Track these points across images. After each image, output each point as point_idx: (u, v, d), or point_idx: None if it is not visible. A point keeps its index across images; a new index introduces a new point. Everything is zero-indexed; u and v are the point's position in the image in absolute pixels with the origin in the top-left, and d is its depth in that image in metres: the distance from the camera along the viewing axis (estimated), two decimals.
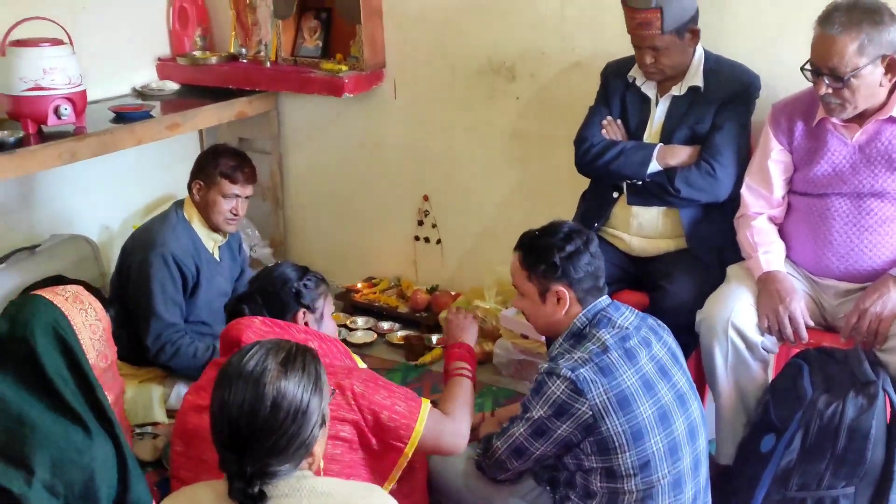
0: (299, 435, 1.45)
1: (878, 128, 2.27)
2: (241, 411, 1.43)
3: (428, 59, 3.47)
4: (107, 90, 3.61)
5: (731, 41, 2.75)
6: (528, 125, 3.33)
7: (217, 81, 3.74)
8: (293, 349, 1.52)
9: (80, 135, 3.06)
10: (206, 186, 2.84)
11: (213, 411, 1.48)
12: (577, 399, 1.91)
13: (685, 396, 2.02)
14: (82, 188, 3.57)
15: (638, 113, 2.70)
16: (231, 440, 1.44)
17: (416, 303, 3.64)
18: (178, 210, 2.90)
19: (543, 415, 1.95)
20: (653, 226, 2.66)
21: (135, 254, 2.84)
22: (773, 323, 2.29)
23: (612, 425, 1.90)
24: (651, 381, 1.97)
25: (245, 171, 2.85)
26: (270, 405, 1.43)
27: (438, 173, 3.62)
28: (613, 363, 1.94)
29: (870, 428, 2.07)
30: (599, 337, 1.99)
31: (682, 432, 1.98)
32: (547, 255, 2.04)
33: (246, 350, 1.51)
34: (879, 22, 2.13)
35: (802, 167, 2.41)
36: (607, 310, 2.05)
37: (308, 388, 1.47)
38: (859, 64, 2.14)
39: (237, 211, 2.87)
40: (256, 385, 1.44)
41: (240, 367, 1.47)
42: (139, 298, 2.80)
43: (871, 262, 2.31)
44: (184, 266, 2.81)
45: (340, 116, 3.78)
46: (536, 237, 2.10)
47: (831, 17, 2.16)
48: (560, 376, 1.93)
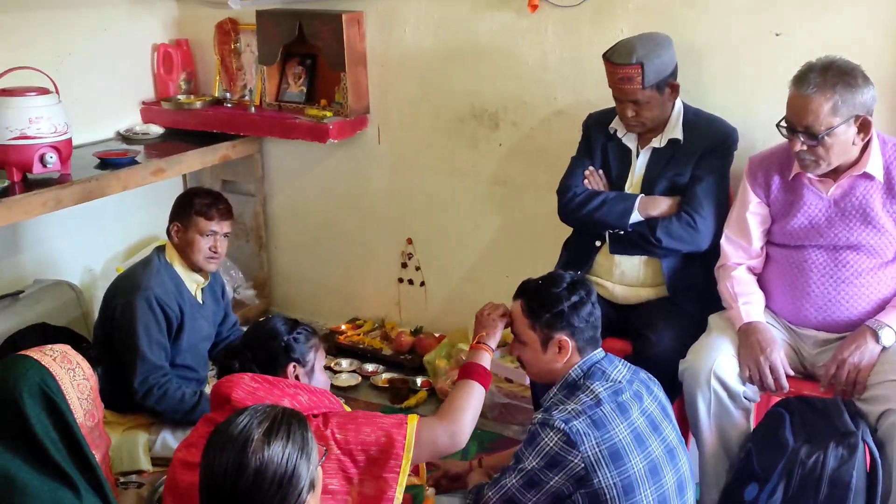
0: (284, 501, 1.46)
1: (852, 183, 2.34)
2: (225, 479, 1.46)
3: (412, 106, 3.53)
4: (91, 134, 3.63)
5: (710, 95, 2.83)
6: (511, 172, 3.38)
7: (201, 125, 3.77)
8: (279, 416, 1.53)
9: (65, 182, 3.07)
10: (183, 227, 2.87)
11: (201, 475, 1.50)
12: (569, 451, 1.94)
13: (675, 451, 2.06)
14: (65, 232, 3.57)
15: (619, 164, 2.76)
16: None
17: (400, 345, 3.66)
18: (159, 255, 2.91)
19: (536, 466, 1.98)
20: (635, 274, 2.72)
21: (118, 298, 2.85)
22: (754, 373, 2.34)
23: (604, 478, 1.93)
24: (642, 435, 2.00)
25: (220, 207, 2.88)
26: (254, 474, 1.45)
27: (422, 217, 3.66)
28: (606, 416, 1.98)
29: (851, 478, 2.11)
30: (593, 389, 2.03)
31: (671, 486, 2.01)
32: (553, 304, 2.10)
33: (233, 417, 1.53)
34: (853, 84, 2.21)
35: (780, 219, 2.47)
36: (602, 363, 2.10)
37: (294, 454, 1.49)
38: (833, 123, 2.22)
39: (216, 249, 2.88)
40: (240, 454, 1.46)
41: (226, 435, 1.49)
42: (124, 342, 2.80)
43: (847, 313, 2.37)
44: (168, 308, 2.82)
45: (325, 160, 3.82)
46: (541, 286, 2.15)
47: (806, 78, 2.24)
48: (553, 428, 1.96)
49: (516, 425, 3.19)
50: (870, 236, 2.33)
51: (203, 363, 3.05)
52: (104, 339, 2.91)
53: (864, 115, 2.24)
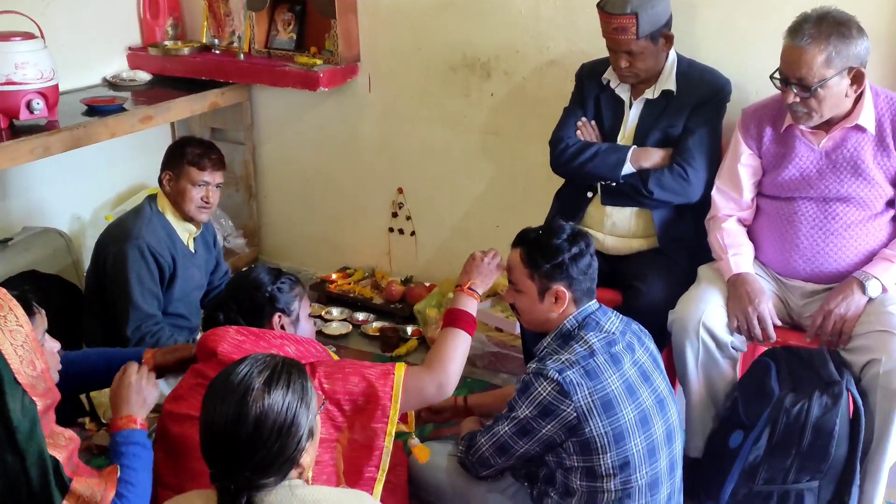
0: (283, 451, 1.47)
1: (844, 135, 2.35)
2: (225, 429, 1.46)
3: (403, 54, 3.49)
4: (77, 81, 3.58)
5: (704, 46, 2.81)
6: (503, 122, 3.37)
7: (189, 72, 3.72)
8: (279, 365, 1.54)
9: (52, 129, 3.03)
10: (174, 176, 2.86)
11: (201, 427, 1.51)
12: (562, 401, 1.97)
13: (665, 401, 2.10)
14: (53, 180, 3.54)
15: (612, 115, 2.75)
16: (215, 456, 1.48)
17: (391, 294, 3.68)
18: (151, 203, 2.90)
19: (529, 415, 2.01)
20: (626, 225, 2.73)
21: (110, 247, 2.84)
22: (742, 323, 2.37)
23: (595, 427, 1.97)
24: (633, 385, 2.04)
25: (212, 157, 2.87)
26: (253, 423, 1.45)
27: (413, 167, 3.65)
28: (599, 367, 2.01)
29: (834, 426, 2.17)
30: (587, 340, 2.05)
31: (660, 435, 2.06)
32: (554, 255, 2.09)
33: (233, 367, 1.53)
34: (847, 35, 2.20)
35: (771, 171, 2.48)
36: (596, 314, 2.12)
37: (294, 403, 1.49)
38: (826, 75, 2.21)
39: (208, 199, 2.88)
40: (240, 404, 1.46)
41: (225, 385, 1.49)
42: (117, 290, 2.80)
43: (836, 264, 2.40)
44: (160, 257, 2.82)
45: (315, 109, 3.79)
46: (541, 236, 2.14)
47: (801, 29, 2.23)
48: (547, 378, 1.98)
49: (505, 373, 3.23)
50: (860, 188, 2.35)
51: (195, 312, 3.06)
52: (96, 287, 2.92)
53: (858, 67, 2.23)
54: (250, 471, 1.46)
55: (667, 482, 2.09)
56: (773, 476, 2.25)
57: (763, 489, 2.26)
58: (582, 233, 2.16)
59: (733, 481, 2.29)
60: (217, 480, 1.49)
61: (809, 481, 2.23)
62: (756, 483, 2.26)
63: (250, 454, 1.46)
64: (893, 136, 2.31)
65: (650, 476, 2.04)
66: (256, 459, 1.46)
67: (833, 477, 2.23)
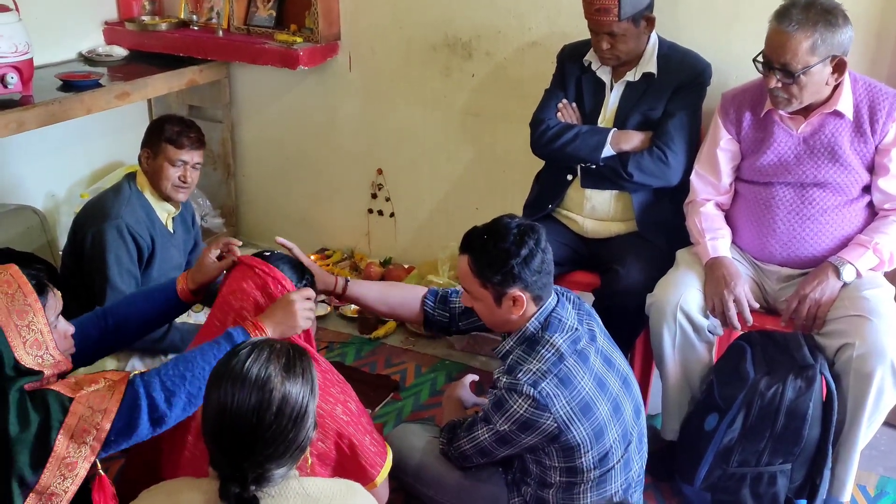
0: (297, 439, 1.46)
1: (822, 121, 2.36)
2: (247, 417, 1.42)
3: (384, 33, 3.46)
4: (52, 55, 3.53)
5: (685, 29, 2.80)
6: (484, 103, 3.35)
7: (167, 48, 3.67)
8: (291, 353, 1.51)
9: (27, 104, 2.98)
10: (152, 154, 2.81)
11: (210, 412, 1.46)
12: (540, 415, 1.94)
13: (628, 379, 2.12)
14: (28, 156, 3.49)
15: (593, 97, 2.74)
16: (232, 445, 1.44)
17: (370, 276, 3.66)
18: (130, 182, 2.86)
19: (508, 429, 1.98)
20: (605, 208, 2.73)
21: (88, 226, 2.80)
22: (718, 306, 2.38)
23: (578, 432, 1.96)
24: (602, 377, 2.04)
25: (190, 136, 2.82)
26: (276, 411, 1.43)
27: (393, 147, 3.63)
28: (570, 370, 1.97)
29: (807, 409, 2.19)
30: (553, 343, 1.99)
31: (629, 415, 2.08)
32: (502, 263, 1.95)
33: (243, 353, 1.49)
34: (833, 23, 2.19)
35: (749, 156, 2.49)
36: (556, 311, 2.04)
37: (307, 391, 1.48)
38: (811, 62, 2.21)
39: (186, 178, 2.84)
40: (262, 391, 1.43)
41: (242, 372, 1.45)
42: (95, 270, 2.77)
43: (811, 249, 2.42)
44: (139, 237, 2.79)
45: (294, 87, 3.76)
46: (486, 241, 1.99)
47: (788, 14, 2.22)
48: (522, 394, 1.93)
49: (483, 356, 3.23)
50: (836, 174, 2.36)
51: None
52: (73, 265, 2.88)
53: (841, 56, 2.24)
54: (265, 459, 1.44)
55: (637, 457, 2.12)
56: (746, 458, 2.27)
57: (737, 471, 2.29)
58: (529, 229, 1.98)
59: (708, 464, 2.32)
60: (224, 468, 1.45)
61: (782, 464, 2.25)
62: (730, 465, 2.29)
63: (271, 442, 1.43)
64: (870, 122, 2.32)
65: (625, 458, 2.06)
66: (275, 447, 1.44)
67: (805, 460, 2.25)
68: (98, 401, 1.75)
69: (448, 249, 3.45)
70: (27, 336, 1.78)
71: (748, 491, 2.28)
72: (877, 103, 2.31)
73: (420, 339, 3.36)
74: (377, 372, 3.14)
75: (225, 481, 1.44)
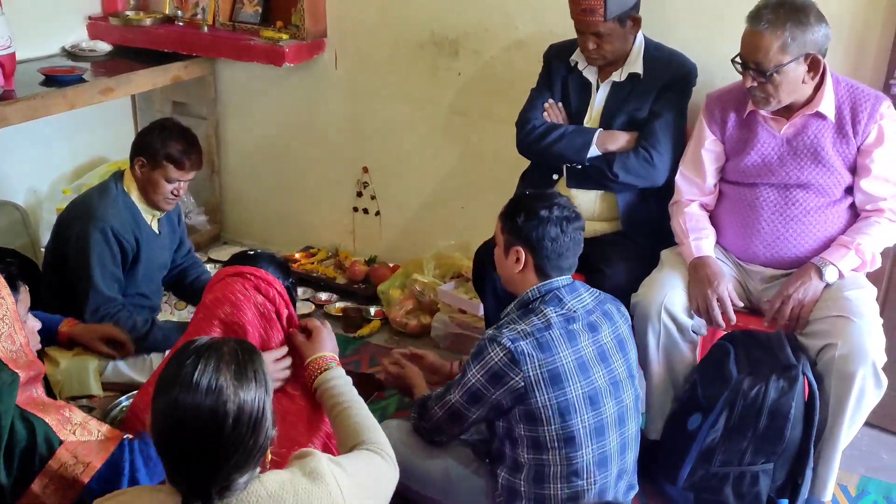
0: (257, 443, 1.41)
1: (804, 122, 2.37)
2: (204, 432, 1.36)
3: (370, 31, 3.45)
4: (35, 50, 3.49)
5: (671, 30, 2.81)
6: (470, 101, 3.35)
7: (151, 44, 3.65)
8: (239, 355, 1.44)
9: (9, 99, 2.97)
10: (149, 166, 2.73)
11: (164, 431, 1.39)
12: (512, 368, 2.00)
13: (620, 383, 2.11)
14: (10, 151, 3.46)
15: (579, 97, 2.75)
16: (191, 463, 1.38)
17: (355, 274, 3.66)
18: (117, 182, 2.81)
19: (479, 379, 2.04)
20: (590, 208, 2.74)
21: (73, 226, 2.75)
22: (702, 305, 2.39)
23: (541, 398, 2.00)
24: (588, 364, 2.06)
25: (192, 157, 2.76)
26: (233, 421, 1.37)
27: (379, 145, 3.62)
28: (553, 341, 2.03)
29: (789, 409, 2.20)
30: (545, 314, 2.07)
31: (610, 415, 2.08)
32: (516, 211, 2.13)
33: (188, 363, 1.40)
34: (804, 22, 2.22)
35: (733, 157, 2.50)
36: (561, 290, 2.12)
37: (261, 394, 1.42)
38: (782, 61, 2.23)
39: (178, 192, 2.80)
40: (216, 403, 1.36)
41: (192, 384, 1.37)
42: (78, 271, 2.74)
43: (795, 250, 2.43)
44: (123, 240, 2.75)
45: (280, 84, 3.74)
46: (526, 195, 2.21)
47: (760, 14, 2.25)
48: (500, 344, 2.02)
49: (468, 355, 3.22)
50: (819, 175, 2.38)
51: (157, 291, 3.01)
52: (56, 263, 2.85)
53: (815, 54, 2.26)
54: (229, 471, 1.38)
55: (616, 461, 2.12)
56: (729, 458, 2.28)
57: (719, 471, 2.29)
58: (566, 207, 2.13)
59: (690, 463, 2.32)
60: (182, 485, 1.40)
61: (765, 463, 2.26)
62: (713, 465, 2.30)
63: (233, 453, 1.38)
64: (852, 123, 2.34)
65: (598, 454, 2.07)
66: (237, 457, 1.39)
67: (787, 459, 2.26)
68: (85, 453, 1.74)
69: (434, 248, 3.45)
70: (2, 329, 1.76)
71: (731, 490, 2.29)
72: (858, 104, 2.33)
73: (404, 338, 3.35)
74: (361, 370, 3.13)
75: (186, 498, 1.39)
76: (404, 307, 3.38)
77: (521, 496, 2.10)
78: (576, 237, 2.14)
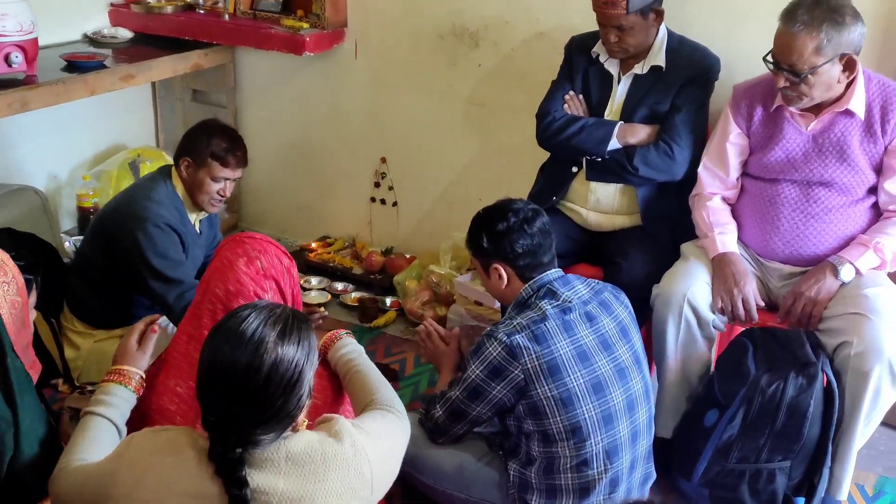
0: (286, 406, 1.45)
1: (832, 119, 2.34)
2: (236, 378, 1.42)
3: (391, 21, 3.44)
4: (57, 36, 3.49)
5: (695, 23, 2.79)
6: (489, 93, 3.34)
7: (172, 31, 3.65)
8: (290, 318, 1.50)
9: (31, 84, 2.96)
10: (195, 165, 2.73)
11: (203, 370, 1.46)
12: (510, 362, 2.02)
13: (627, 371, 2.11)
14: (31, 136, 3.48)
15: (600, 90, 2.73)
16: (220, 405, 1.44)
17: (371, 264, 3.66)
18: (166, 181, 2.80)
19: (480, 374, 2.06)
20: (610, 202, 2.72)
21: (129, 228, 2.68)
22: (726, 304, 2.37)
23: (542, 390, 2.01)
24: (588, 352, 2.06)
25: (237, 154, 2.76)
26: (265, 376, 1.42)
27: (397, 136, 3.62)
28: (549, 332, 2.04)
29: (808, 407, 2.18)
30: (541, 307, 2.09)
31: (618, 403, 2.07)
32: (477, 234, 2.18)
33: (242, 314, 1.48)
34: (840, 22, 2.17)
35: (758, 151, 2.48)
36: (554, 283, 2.14)
37: (302, 358, 1.47)
38: (817, 63, 2.20)
39: (224, 193, 2.79)
40: (253, 354, 1.42)
41: (237, 331, 1.44)
42: (147, 271, 2.68)
43: (814, 248, 2.41)
44: (180, 233, 2.76)
45: (299, 73, 3.74)
46: (478, 216, 2.22)
47: (794, 14, 2.20)
48: (497, 340, 2.04)
49: None
50: (843, 174, 2.35)
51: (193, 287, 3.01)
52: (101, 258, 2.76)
53: (850, 54, 2.22)
54: (252, 423, 1.43)
55: (628, 449, 2.11)
56: (746, 455, 2.26)
57: (735, 468, 2.28)
58: (519, 209, 2.14)
59: (706, 459, 2.31)
60: (213, 428, 1.45)
61: (781, 461, 2.25)
62: (729, 462, 2.28)
63: (257, 406, 1.43)
64: (882, 122, 2.31)
65: (608, 443, 2.06)
66: (261, 413, 1.43)
67: (805, 457, 2.25)
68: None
69: (450, 240, 3.44)
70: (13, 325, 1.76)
71: (746, 487, 2.27)
72: (889, 103, 2.30)
73: None
74: (377, 361, 3.11)
75: (213, 442, 1.44)
76: (420, 298, 3.38)
77: (533, 488, 2.10)
78: (543, 230, 2.15)
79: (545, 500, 2.09)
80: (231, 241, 2.06)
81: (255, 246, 2.01)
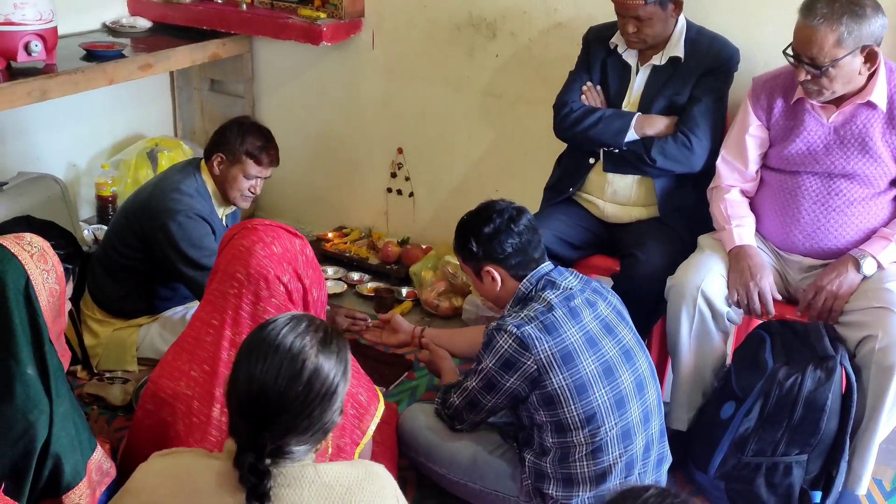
0: (322, 417, 1.43)
1: (854, 111, 2.32)
2: (276, 384, 1.40)
3: (408, 11, 3.44)
4: (76, 25, 3.51)
5: (714, 14, 2.77)
6: (506, 84, 3.33)
7: (190, 21, 3.66)
8: (329, 330, 1.49)
9: (50, 72, 2.98)
10: (228, 162, 2.77)
11: (240, 381, 1.43)
12: (522, 353, 2.02)
13: (631, 351, 2.12)
14: (50, 125, 3.50)
15: (618, 80, 2.71)
16: (256, 411, 1.41)
17: (387, 255, 3.66)
18: (196, 174, 2.82)
19: (493, 367, 2.06)
20: (627, 193, 2.71)
21: (161, 217, 2.71)
22: (742, 297, 2.36)
23: (556, 379, 2.01)
24: (595, 337, 2.07)
25: (271, 153, 2.80)
26: (306, 382, 1.41)
27: (414, 126, 3.61)
28: (558, 321, 2.04)
29: (826, 400, 2.17)
30: (545, 298, 2.09)
31: (628, 385, 2.08)
32: (465, 240, 2.17)
33: (280, 323, 1.47)
34: (861, 14, 2.15)
35: (778, 144, 2.45)
36: (550, 274, 2.15)
37: (339, 373, 1.46)
38: (838, 56, 2.18)
39: (255, 190, 2.83)
40: (294, 360, 1.41)
41: (276, 340, 1.43)
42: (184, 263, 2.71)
43: (835, 241, 2.39)
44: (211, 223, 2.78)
45: (316, 63, 3.74)
46: (463, 222, 2.23)
47: (814, 8, 2.18)
48: (507, 332, 2.04)
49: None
50: (865, 166, 2.33)
51: None
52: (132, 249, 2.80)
53: (872, 46, 2.19)
54: (287, 431, 1.41)
55: (641, 432, 2.11)
56: (762, 448, 2.25)
57: (752, 461, 2.27)
58: (503, 209, 2.16)
59: (723, 452, 2.30)
60: (243, 437, 1.42)
61: (798, 455, 2.23)
62: (745, 454, 2.27)
63: (295, 414, 1.41)
64: None
65: (621, 427, 2.06)
66: (298, 421, 1.41)
67: (822, 451, 2.23)
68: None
69: None
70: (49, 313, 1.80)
71: (763, 481, 2.26)
72: None
73: (435, 320, 3.35)
74: (392, 351, 3.14)
75: (241, 450, 1.40)
76: (436, 289, 3.38)
77: (549, 477, 2.10)
78: (529, 227, 2.16)
79: (562, 489, 2.09)
80: (243, 228, 2.07)
81: (268, 232, 2.04)
